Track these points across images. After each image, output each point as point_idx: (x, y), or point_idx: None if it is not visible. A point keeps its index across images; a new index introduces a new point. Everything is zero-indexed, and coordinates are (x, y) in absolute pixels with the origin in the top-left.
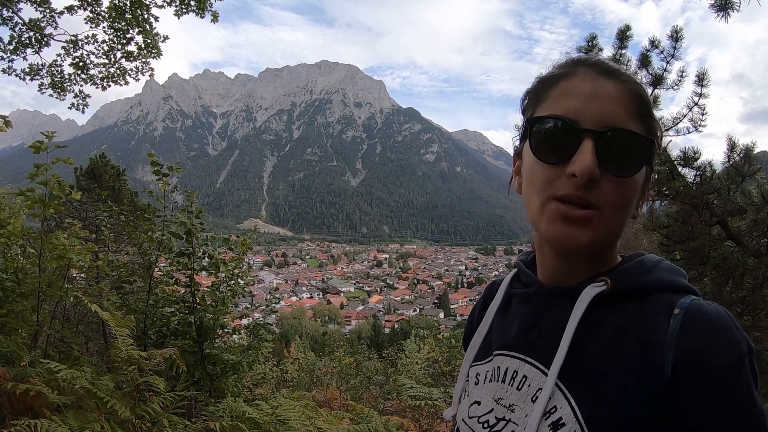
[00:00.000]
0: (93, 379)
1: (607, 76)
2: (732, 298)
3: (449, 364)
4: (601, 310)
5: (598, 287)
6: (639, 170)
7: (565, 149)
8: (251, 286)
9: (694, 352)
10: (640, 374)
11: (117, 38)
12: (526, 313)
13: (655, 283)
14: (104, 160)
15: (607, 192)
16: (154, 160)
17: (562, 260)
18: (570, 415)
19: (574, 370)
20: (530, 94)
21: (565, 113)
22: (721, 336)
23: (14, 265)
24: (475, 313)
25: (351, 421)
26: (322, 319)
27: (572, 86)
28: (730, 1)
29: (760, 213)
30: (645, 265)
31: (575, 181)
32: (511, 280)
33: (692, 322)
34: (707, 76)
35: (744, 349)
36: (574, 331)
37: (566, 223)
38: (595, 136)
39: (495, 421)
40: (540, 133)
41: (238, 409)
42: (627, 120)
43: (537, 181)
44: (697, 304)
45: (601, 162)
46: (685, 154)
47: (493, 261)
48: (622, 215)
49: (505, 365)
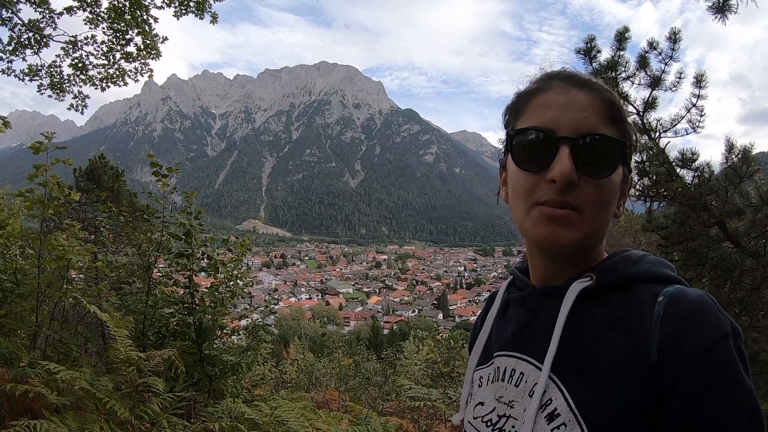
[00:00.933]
0: (92, 380)
1: (580, 87)
2: (730, 299)
3: (448, 365)
4: (589, 303)
5: (583, 282)
6: (614, 171)
7: (544, 157)
8: (250, 287)
9: (677, 336)
10: (628, 362)
11: (116, 39)
12: (522, 314)
13: (640, 274)
14: (103, 161)
15: (585, 194)
16: (153, 161)
17: (550, 261)
18: (564, 405)
19: (566, 362)
20: (510, 109)
21: (542, 124)
22: (703, 318)
23: (13, 265)
24: (478, 323)
25: (350, 422)
26: (321, 320)
27: (547, 99)
28: (728, 2)
29: (758, 214)
30: (629, 259)
31: (555, 186)
32: (507, 287)
33: (674, 307)
34: (705, 78)
35: (727, 330)
36: (564, 325)
37: (550, 223)
38: (571, 143)
39: (497, 419)
40: (520, 144)
41: (237, 410)
42: (600, 126)
43: (520, 189)
44: (680, 290)
45: (578, 166)
46: (684, 156)
47: (492, 262)
48: (603, 214)
49: (504, 365)
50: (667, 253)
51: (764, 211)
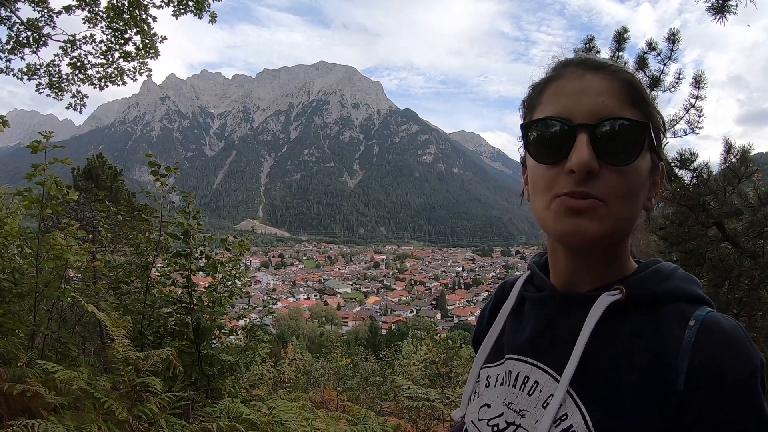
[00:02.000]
0: (90, 380)
1: (595, 71)
2: (728, 300)
3: (446, 366)
4: (615, 318)
5: (613, 295)
6: (638, 156)
7: (562, 147)
8: (248, 287)
9: (709, 366)
10: (652, 385)
11: (115, 38)
12: (539, 317)
13: (670, 292)
14: (101, 161)
15: (609, 183)
16: (151, 160)
17: (575, 260)
18: (581, 423)
19: (586, 378)
20: (525, 102)
21: (558, 113)
22: (736, 350)
23: (11, 265)
24: (485, 315)
25: (348, 422)
26: (319, 320)
27: (561, 87)
28: (726, 3)
29: (757, 215)
30: (661, 273)
31: (575, 177)
32: (524, 282)
33: (708, 333)
34: (704, 78)
35: (757, 365)
36: (588, 339)
37: (572, 215)
38: (589, 130)
39: (505, 425)
40: (536, 136)
41: (235, 410)
42: (620, 109)
43: (540, 183)
44: (713, 316)
45: (599, 153)
46: (682, 156)
47: (490, 262)
48: (630, 206)
49: (516, 370)
50: (666, 254)
51: (762, 211)
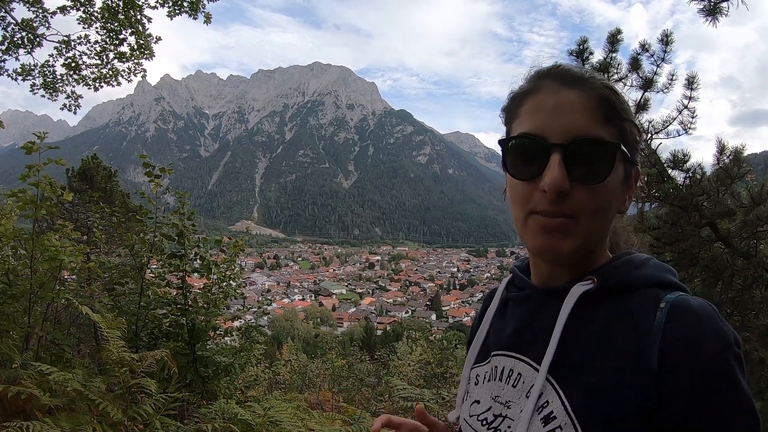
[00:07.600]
0: (85, 381)
1: (571, 86)
2: (722, 299)
3: (441, 366)
4: (590, 306)
5: (584, 285)
6: (609, 174)
7: (537, 165)
8: (243, 288)
9: (681, 344)
10: (627, 367)
11: (110, 39)
12: (521, 314)
13: (642, 279)
14: (96, 162)
15: (580, 201)
16: (146, 161)
17: (552, 265)
18: (560, 408)
19: (564, 365)
20: (505, 111)
21: (533, 130)
22: (708, 327)
23: (5, 266)
24: (476, 319)
25: (343, 422)
26: (314, 321)
27: (538, 102)
28: (718, 6)
29: (750, 215)
30: (632, 263)
31: (547, 196)
32: (506, 285)
33: (678, 314)
34: (697, 79)
35: (729, 340)
36: (563, 327)
37: (546, 234)
38: (562, 149)
39: (493, 418)
40: (513, 152)
41: (230, 411)
42: (594, 127)
43: (518, 196)
44: (682, 297)
45: (571, 172)
46: (675, 157)
47: (485, 263)
48: (600, 218)
49: (501, 364)
50: (659, 254)
51: (755, 212)
